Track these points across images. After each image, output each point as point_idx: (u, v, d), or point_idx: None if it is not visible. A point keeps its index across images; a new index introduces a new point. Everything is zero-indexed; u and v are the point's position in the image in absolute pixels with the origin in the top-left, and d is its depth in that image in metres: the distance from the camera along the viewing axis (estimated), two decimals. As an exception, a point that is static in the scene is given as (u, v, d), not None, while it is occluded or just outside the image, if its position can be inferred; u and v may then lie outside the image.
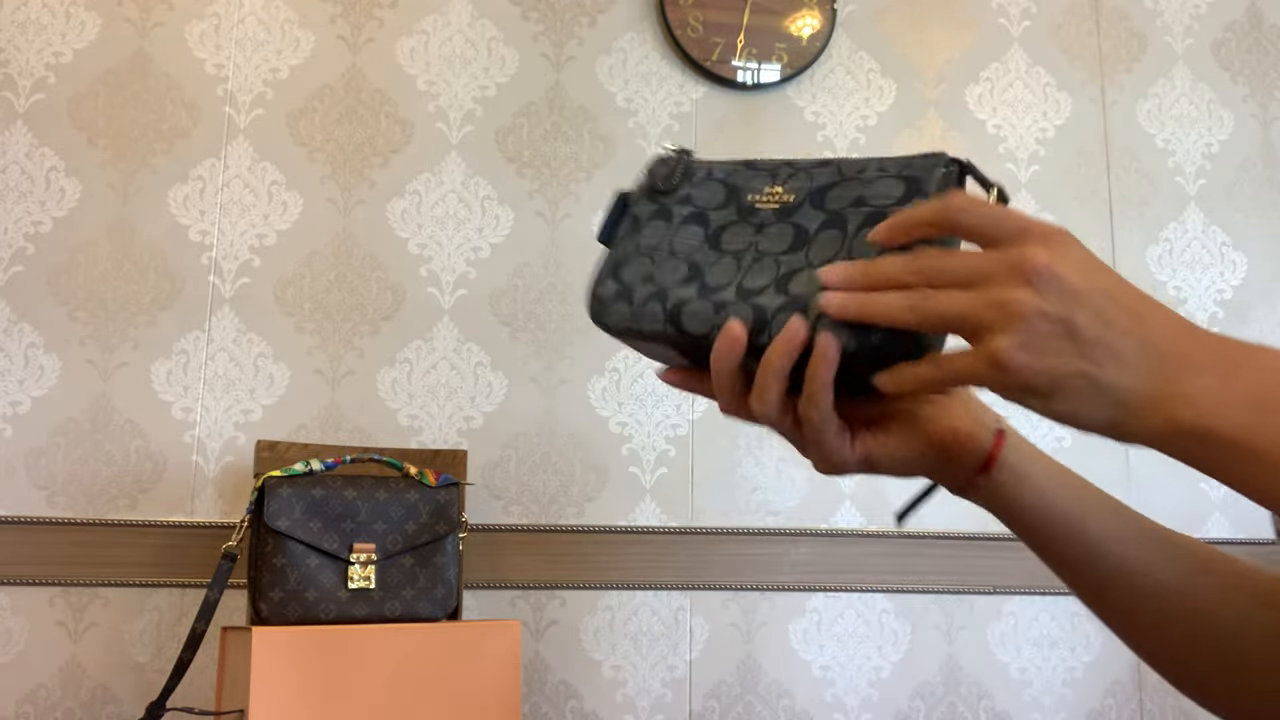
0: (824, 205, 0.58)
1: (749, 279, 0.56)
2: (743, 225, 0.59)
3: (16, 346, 1.85)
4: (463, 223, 2.03)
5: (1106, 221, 2.23)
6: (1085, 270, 0.47)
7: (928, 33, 2.24)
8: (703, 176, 0.62)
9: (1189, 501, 2.15)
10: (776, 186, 0.60)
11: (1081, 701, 2.05)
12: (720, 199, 0.61)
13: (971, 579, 2.05)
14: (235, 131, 1.98)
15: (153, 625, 1.81)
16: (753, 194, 0.60)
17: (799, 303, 0.53)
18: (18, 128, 1.92)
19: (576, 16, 2.14)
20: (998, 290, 0.46)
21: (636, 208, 0.63)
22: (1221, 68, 2.33)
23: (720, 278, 0.57)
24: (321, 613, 1.50)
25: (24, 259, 1.88)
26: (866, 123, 2.19)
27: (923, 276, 0.49)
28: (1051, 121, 2.25)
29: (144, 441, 1.86)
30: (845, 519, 2.04)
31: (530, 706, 1.89)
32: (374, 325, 1.96)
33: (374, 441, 1.91)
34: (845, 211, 0.57)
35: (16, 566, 1.78)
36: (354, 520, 1.54)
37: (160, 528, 1.83)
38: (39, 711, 1.76)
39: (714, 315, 0.55)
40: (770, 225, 0.58)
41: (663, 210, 0.62)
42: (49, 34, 1.95)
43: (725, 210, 0.60)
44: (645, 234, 0.61)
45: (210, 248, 1.94)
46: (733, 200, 0.61)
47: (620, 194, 0.63)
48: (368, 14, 2.06)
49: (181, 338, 1.90)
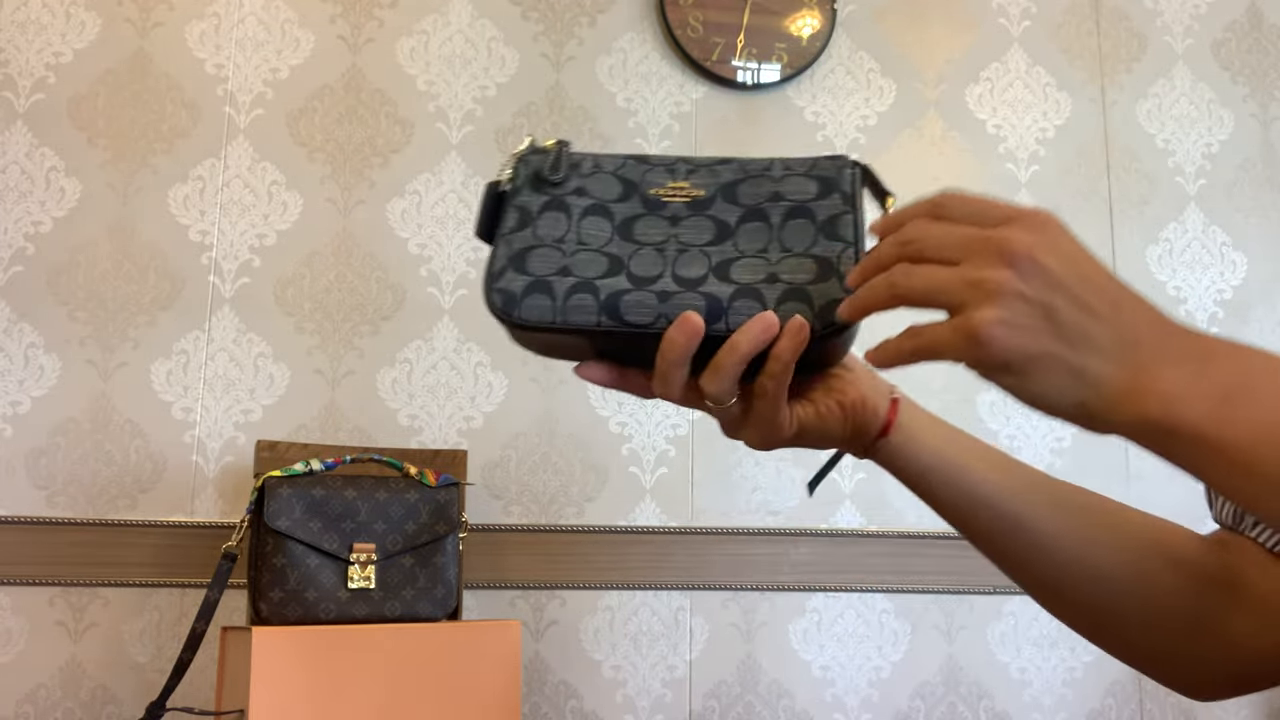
0: (737, 200, 0.60)
1: (681, 268, 0.57)
2: (653, 218, 0.59)
3: (16, 346, 1.85)
4: (463, 223, 2.03)
5: (1106, 221, 2.23)
6: (1067, 257, 0.47)
7: (928, 33, 2.24)
8: (590, 168, 0.62)
9: (1189, 501, 2.15)
10: (680, 181, 0.61)
11: (1081, 701, 2.05)
12: (618, 192, 0.61)
13: (971, 579, 2.05)
14: (235, 131, 1.98)
15: (153, 625, 1.81)
16: (654, 188, 0.60)
17: (751, 290, 0.56)
18: (18, 128, 1.92)
19: (576, 16, 2.14)
20: (979, 268, 0.47)
21: (520, 198, 0.62)
22: (1221, 68, 2.33)
23: (648, 269, 0.57)
24: (321, 613, 1.50)
25: (24, 259, 1.88)
26: (866, 123, 2.19)
27: (909, 249, 0.50)
28: (1051, 121, 2.25)
29: (144, 441, 1.86)
30: (845, 519, 2.04)
31: (530, 706, 1.89)
32: (374, 325, 1.96)
33: (374, 441, 1.91)
34: (764, 206, 0.60)
35: (16, 566, 1.78)
36: (354, 520, 1.54)
37: (160, 528, 1.83)
38: (39, 711, 1.76)
39: (659, 304, 0.56)
40: (685, 218, 0.59)
41: (556, 202, 0.62)
42: (49, 34, 1.95)
43: (628, 203, 0.60)
44: (542, 225, 0.61)
45: (210, 248, 1.94)
46: (633, 193, 0.61)
47: (492, 185, 0.63)
48: (368, 14, 2.06)
49: (181, 338, 1.90)
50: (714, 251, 0.58)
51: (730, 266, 0.57)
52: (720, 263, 0.58)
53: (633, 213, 0.60)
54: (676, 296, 0.56)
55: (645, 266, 0.57)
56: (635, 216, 0.60)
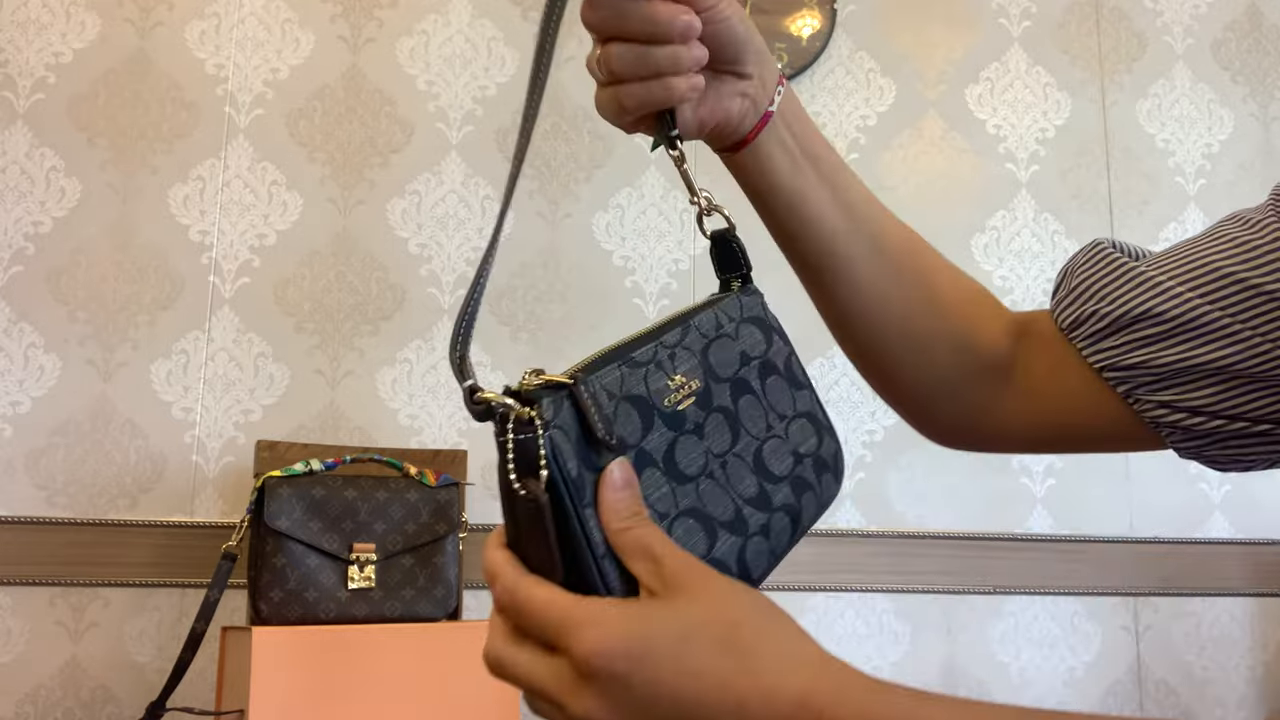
0: (718, 375, 0.55)
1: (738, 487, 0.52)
2: (683, 439, 0.51)
3: (16, 346, 1.85)
4: (463, 223, 2.03)
5: (1106, 221, 2.23)
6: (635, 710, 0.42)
7: (928, 33, 2.24)
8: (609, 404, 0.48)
9: (1189, 501, 2.15)
10: (674, 375, 0.52)
11: (1081, 701, 2.05)
12: (639, 423, 0.49)
13: (971, 579, 2.05)
14: (235, 131, 1.98)
15: (153, 625, 1.81)
16: (664, 397, 0.51)
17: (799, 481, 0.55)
18: (18, 128, 1.91)
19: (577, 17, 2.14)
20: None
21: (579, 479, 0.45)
22: (1221, 68, 2.33)
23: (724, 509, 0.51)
24: (321, 613, 1.50)
25: (24, 259, 1.88)
26: (866, 123, 2.19)
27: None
28: (1051, 121, 2.25)
29: (144, 441, 1.86)
30: (845, 519, 2.04)
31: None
32: (374, 325, 1.96)
33: (374, 441, 1.91)
34: (742, 375, 0.56)
35: (16, 566, 1.78)
36: (354, 520, 1.54)
37: (160, 528, 1.83)
38: (39, 711, 1.76)
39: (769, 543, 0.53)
40: (704, 424, 0.52)
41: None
42: (49, 34, 1.95)
43: (656, 434, 0.49)
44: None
45: (210, 248, 1.94)
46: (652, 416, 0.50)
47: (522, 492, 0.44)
48: (368, 14, 2.06)
49: (181, 338, 1.90)
50: (741, 450, 0.54)
51: (764, 462, 0.54)
52: (755, 462, 0.54)
53: (665, 443, 0.50)
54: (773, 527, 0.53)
55: (720, 508, 0.51)
56: (670, 446, 0.50)
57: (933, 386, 0.69)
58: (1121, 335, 0.62)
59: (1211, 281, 0.59)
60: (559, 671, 0.43)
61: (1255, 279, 0.57)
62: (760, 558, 0.52)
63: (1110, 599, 2.11)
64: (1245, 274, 0.58)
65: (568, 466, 0.44)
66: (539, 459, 0.43)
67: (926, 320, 0.67)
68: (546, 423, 0.44)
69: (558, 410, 0.44)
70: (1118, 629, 2.10)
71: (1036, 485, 2.11)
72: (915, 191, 2.18)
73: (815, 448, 0.57)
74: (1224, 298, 0.58)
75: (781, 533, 0.54)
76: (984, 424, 0.70)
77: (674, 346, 0.53)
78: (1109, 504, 2.11)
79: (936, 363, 0.68)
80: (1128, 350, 0.62)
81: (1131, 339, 0.61)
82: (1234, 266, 0.58)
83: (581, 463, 0.44)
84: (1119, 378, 0.62)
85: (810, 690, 0.41)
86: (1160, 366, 0.60)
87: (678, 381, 0.52)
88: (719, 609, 0.43)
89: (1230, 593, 2.14)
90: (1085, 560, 2.09)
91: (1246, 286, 0.58)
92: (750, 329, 0.58)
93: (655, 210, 2.09)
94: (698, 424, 0.51)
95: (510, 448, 0.44)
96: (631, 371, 0.50)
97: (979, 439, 0.71)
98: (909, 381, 0.69)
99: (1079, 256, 0.67)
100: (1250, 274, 0.58)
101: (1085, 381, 0.64)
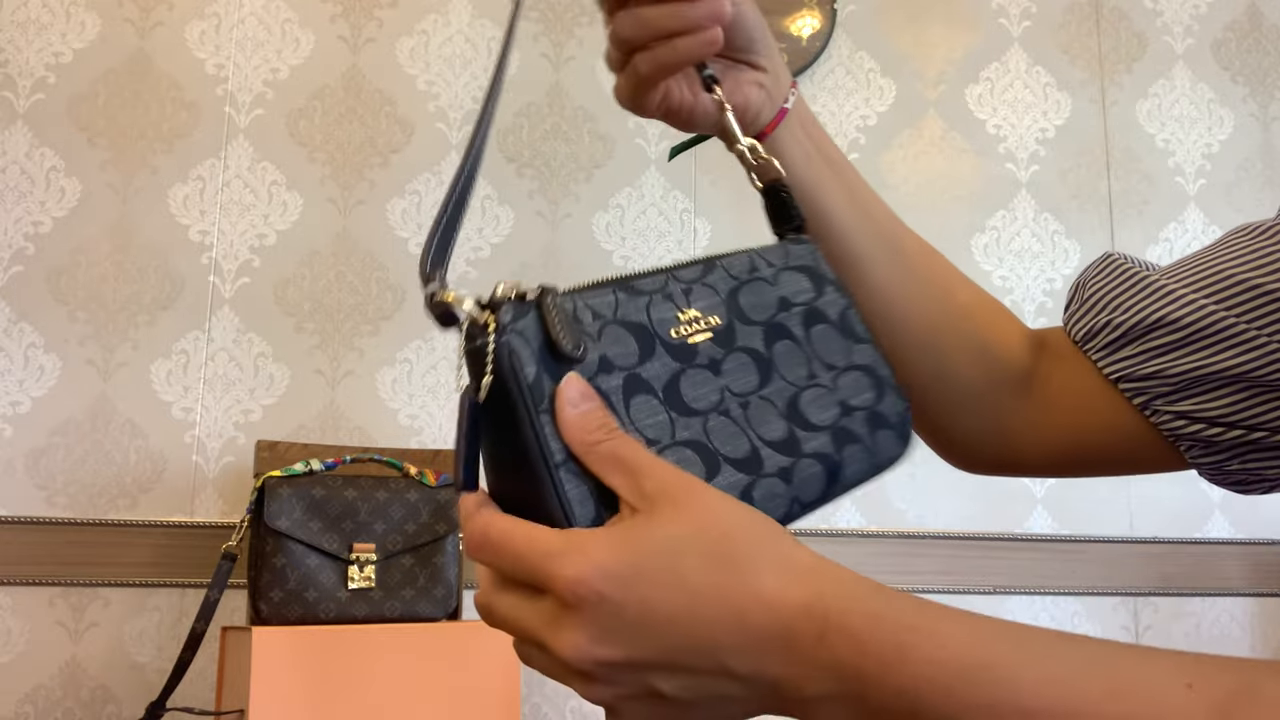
0: (749, 317, 0.52)
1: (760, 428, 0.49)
2: (693, 372, 0.48)
3: (16, 346, 1.85)
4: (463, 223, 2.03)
5: (1106, 221, 2.23)
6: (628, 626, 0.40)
7: (928, 33, 2.24)
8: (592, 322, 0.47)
9: (1189, 501, 2.15)
10: (688, 309, 0.50)
11: (1081, 701, 2.05)
12: (635, 348, 0.47)
13: (971, 579, 2.05)
14: (235, 131, 1.98)
15: (153, 625, 1.81)
16: (670, 328, 0.49)
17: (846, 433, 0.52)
18: (18, 128, 1.91)
19: (576, 16, 2.14)
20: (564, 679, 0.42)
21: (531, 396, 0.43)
22: (1221, 68, 2.33)
23: (735, 446, 0.48)
24: (321, 613, 1.50)
25: (24, 259, 1.88)
26: (866, 123, 2.19)
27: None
28: (1051, 121, 2.25)
29: (144, 441, 1.86)
30: (845, 519, 2.04)
31: (530, 707, 1.89)
32: (374, 325, 1.96)
33: (374, 441, 1.91)
34: (779, 319, 0.53)
35: (16, 566, 1.78)
36: (354, 520, 1.54)
37: (160, 528, 1.83)
38: (39, 711, 1.76)
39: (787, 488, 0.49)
40: (722, 361, 0.50)
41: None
42: (49, 34, 1.95)
43: (656, 361, 0.47)
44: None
45: (210, 248, 1.94)
46: (652, 344, 0.48)
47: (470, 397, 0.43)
48: (368, 14, 2.06)
49: (181, 338, 1.90)
50: (772, 394, 0.51)
51: (800, 409, 0.51)
52: (788, 407, 0.51)
53: (668, 373, 0.47)
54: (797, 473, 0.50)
55: (731, 444, 0.48)
56: (674, 377, 0.48)
57: (952, 400, 0.67)
58: (1136, 345, 0.61)
59: (1226, 288, 0.58)
60: (542, 610, 0.40)
61: (1270, 284, 0.57)
62: (774, 500, 0.49)
63: (1110, 599, 2.11)
64: (1260, 279, 0.57)
65: (525, 371, 0.42)
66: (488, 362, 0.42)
67: (946, 327, 0.66)
68: (502, 327, 0.43)
69: (518, 317, 0.43)
70: (1118, 629, 2.10)
71: (1036, 485, 2.11)
72: (915, 191, 2.18)
73: (872, 402, 0.54)
74: (1239, 303, 0.58)
75: (809, 480, 0.50)
76: (1003, 443, 0.68)
77: (691, 282, 0.51)
78: (1109, 504, 2.11)
79: (957, 374, 0.67)
80: (1143, 360, 0.61)
81: (1146, 348, 0.61)
82: (1248, 273, 0.58)
83: (544, 370, 0.43)
84: (1135, 388, 0.61)
85: (815, 595, 0.39)
86: (1176, 375, 0.59)
87: (690, 315, 0.50)
88: (707, 520, 0.41)
89: (1230, 593, 2.14)
90: (1085, 560, 2.09)
91: (1262, 292, 0.57)
92: (795, 276, 0.56)
93: (655, 210, 2.09)
94: (713, 359, 0.49)
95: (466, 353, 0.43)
96: (630, 298, 0.48)
97: (998, 461, 0.70)
98: (928, 395, 0.67)
99: (1091, 269, 0.66)
100: (1265, 279, 0.57)
101: (1102, 395, 0.63)
